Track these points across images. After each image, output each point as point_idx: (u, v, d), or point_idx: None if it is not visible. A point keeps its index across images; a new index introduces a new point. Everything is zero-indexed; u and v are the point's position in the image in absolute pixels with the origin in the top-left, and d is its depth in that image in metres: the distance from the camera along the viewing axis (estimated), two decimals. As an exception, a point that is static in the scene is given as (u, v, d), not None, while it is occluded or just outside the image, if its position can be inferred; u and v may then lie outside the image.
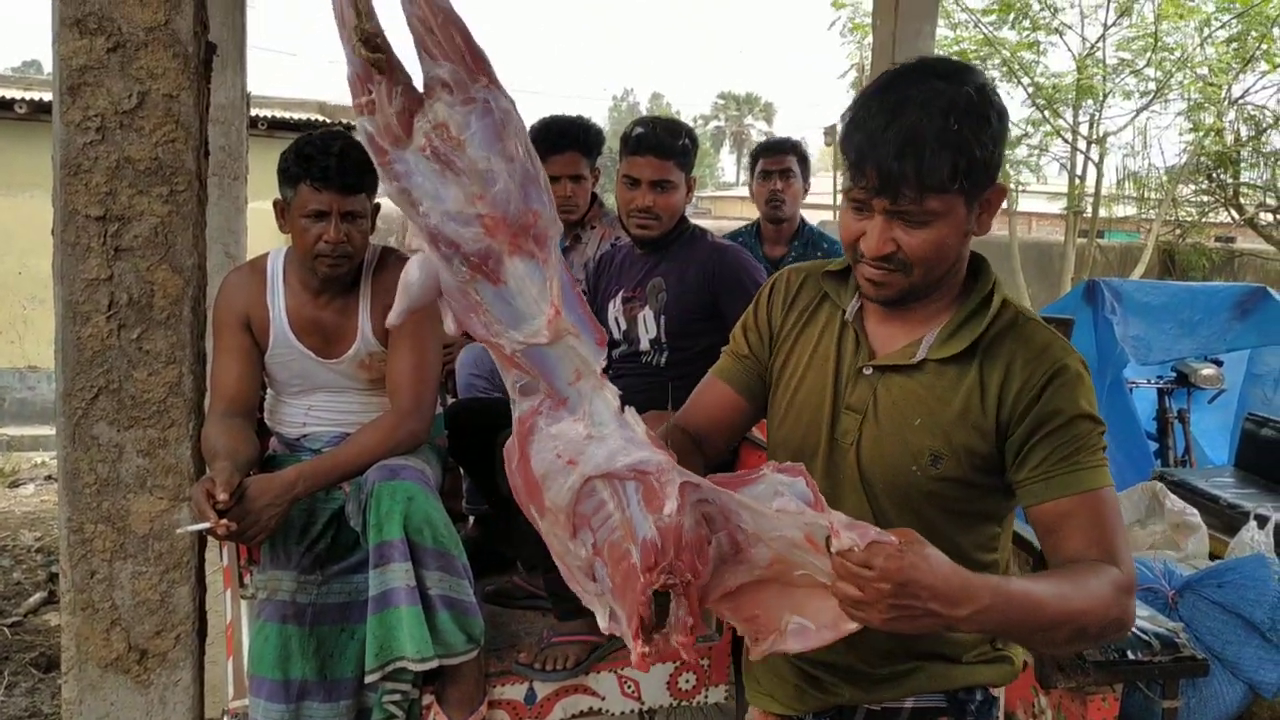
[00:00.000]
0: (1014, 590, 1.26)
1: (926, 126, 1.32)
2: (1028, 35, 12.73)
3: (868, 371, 1.51)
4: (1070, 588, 1.30)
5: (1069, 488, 1.39)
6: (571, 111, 3.55)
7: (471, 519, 3.24)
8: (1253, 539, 2.86)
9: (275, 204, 2.41)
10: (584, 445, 1.34)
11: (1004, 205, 1.48)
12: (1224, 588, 2.83)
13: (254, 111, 11.93)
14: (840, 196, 1.52)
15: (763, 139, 4.90)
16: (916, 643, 1.51)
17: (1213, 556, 3.15)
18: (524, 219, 1.29)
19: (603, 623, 1.43)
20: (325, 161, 2.29)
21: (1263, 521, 2.89)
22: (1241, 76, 12.50)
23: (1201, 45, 12.38)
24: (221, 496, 2.04)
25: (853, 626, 1.29)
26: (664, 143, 2.67)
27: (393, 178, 1.28)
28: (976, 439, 1.44)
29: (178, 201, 2.34)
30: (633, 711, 2.64)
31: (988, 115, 1.35)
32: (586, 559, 1.39)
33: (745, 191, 4.25)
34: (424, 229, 1.29)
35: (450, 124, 1.25)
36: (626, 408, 1.37)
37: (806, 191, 4.19)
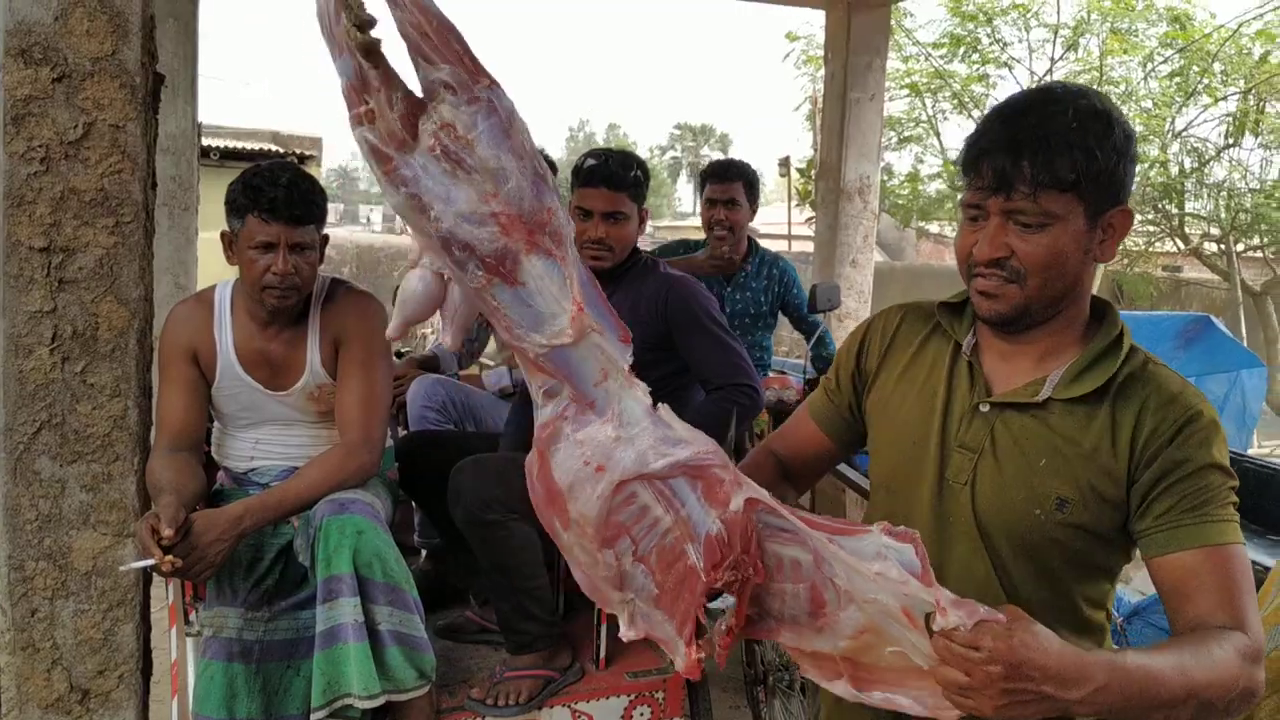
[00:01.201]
0: (1131, 666, 1.17)
1: (1046, 125, 1.29)
2: (978, 69, 12.95)
3: (984, 409, 1.43)
4: (1192, 660, 1.20)
5: (1195, 540, 1.30)
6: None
7: (424, 552, 3.21)
8: (1198, 565, 2.89)
9: (223, 235, 2.39)
10: (612, 449, 1.29)
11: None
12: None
13: (206, 141, 11.87)
14: (958, 211, 1.47)
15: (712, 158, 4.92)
16: None
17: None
18: (539, 215, 1.26)
19: (625, 630, 1.37)
20: (273, 193, 2.27)
21: (1208, 548, 2.92)
22: (1184, 110, 12.79)
23: (1145, 79, 12.67)
24: (166, 532, 2.00)
25: (954, 715, 1.19)
26: (616, 174, 2.68)
27: (400, 184, 1.25)
28: (1107, 484, 1.35)
29: (124, 233, 2.32)
30: (587, 746, 2.62)
31: (1111, 125, 1.31)
32: (616, 569, 1.33)
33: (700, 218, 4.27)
34: (435, 236, 1.26)
35: (457, 124, 1.23)
36: (660, 404, 1.32)
37: (754, 215, 4.22)
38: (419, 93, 1.24)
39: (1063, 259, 1.33)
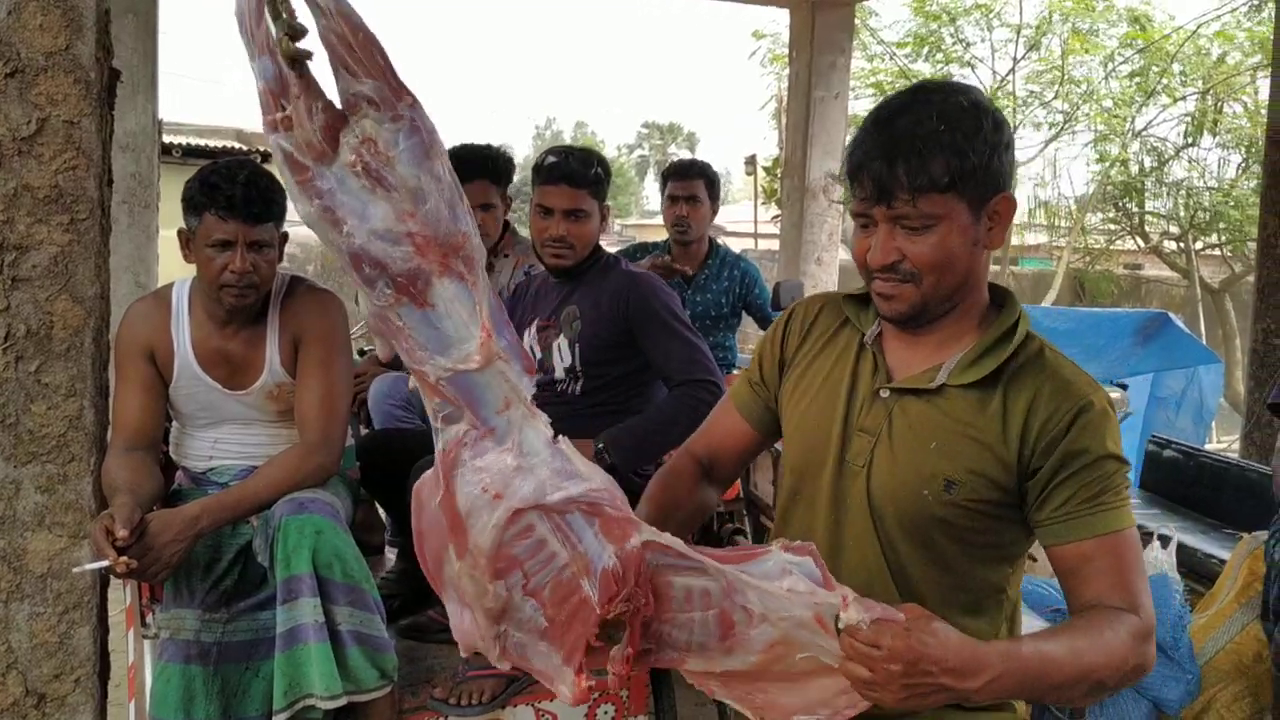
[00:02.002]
0: (1026, 654, 1.25)
1: (915, 130, 1.33)
2: (941, 68, 13.05)
3: (884, 394, 1.49)
4: (1085, 642, 1.28)
5: (1091, 529, 1.37)
6: (495, 140, 3.55)
7: (396, 551, 3.19)
8: (1156, 559, 2.92)
9: (180, 233, 2.36)
10: (511, 477, 1.29)
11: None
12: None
13: (169, 138, 11.75)
14: (849, 219, 1.52)
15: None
16: None
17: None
18: (454, 239, 1.25)
19: (495, 662, 1.41)
20: (230, 190, 2.25)
21: (1165, 541, 2.96)
22: (1144, 109, 12.96)
23: (1106, 79, 12.82)
24: (121, 533, 1.97)
25: (863, 705, 1.26)
26: (577, 172, 2.68)
27: (314, 195, 1.23)
28: (995, 468, 1.41)
29: (79, 230, 2.29)
30: (551, 745, 2.62)
31: (980, 121, 1.35)
32: (502, 602, 1.34)
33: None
34: (346, 250, 1.24)
35: (379, 140, 1.21)
36: (560, 437, 1.33)
37: (715, 213, 4.24)
38: (338, 104, 1.23)
39: (952, 255, 1.39)
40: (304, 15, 1.20)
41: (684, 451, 1.77)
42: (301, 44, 1.20)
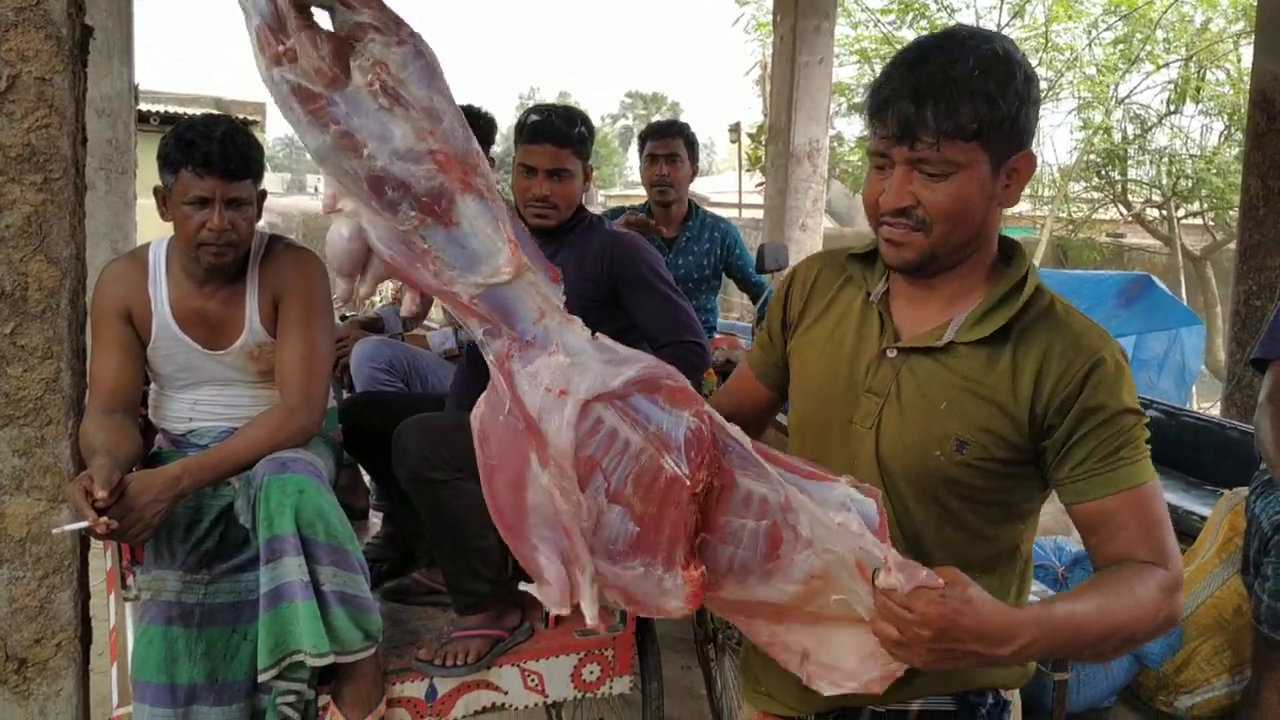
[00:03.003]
0: (1058, 618, 1.24)
1: (948, 73, 1.29)
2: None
3: (891, 354, 1.45)
4: (1115, 599, 1.27)
5: (1113, 485, 1.34)
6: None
7: (382, 516, 3.18)
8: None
9: (155, 191, 2.32)
10: (570, 373, 1.27)
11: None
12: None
13: (147, 106, 11.61)
14: (866, 157, 1.47)
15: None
16: None
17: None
18: (470, 157, 1.26)
19: (592, 616, 1.33)
20: (207, 146, 2.21)
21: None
22: (1127, 76, 12.96)
23: (1090, 46, 12.81)
24: (100, 493, 1.95)
25: (894, 667, 1.26)
26: (560, 130, 2.65)
27: (329, 122, 1.22)
28: (1006, 426, 1.37)
29: (53, 190, 2.25)
30: (537, 705, 2.62)
31: (1013, 72, 1.31)
32: (594, 516, 1.29)
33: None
34: (365, 175, 1.24)
35: (389, 62, 1.22)
36: (598, 334, 1.32)
37: (695, 174, 4.21)
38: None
39: (968, 207, 1.34)
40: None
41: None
42: None
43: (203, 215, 2.25)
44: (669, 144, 4.06)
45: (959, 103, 1.28)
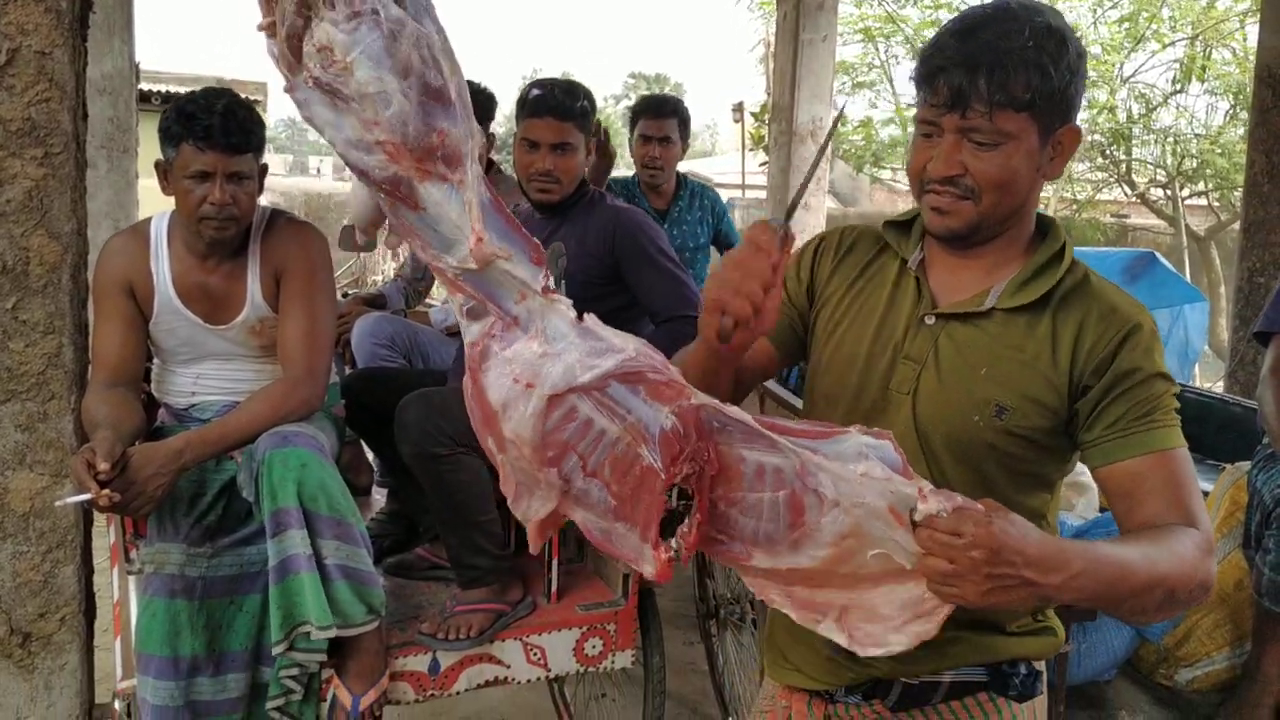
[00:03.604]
0: (1104, 554, 1.21)
1: (1002, 43, 1.29)
2: (930, 14, 12.93)
3: (930, 320, 1.45)
4: (1156, 551, 1.25)
5: (1145, 447, 1.34)
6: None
7: (386, 493, 3.19)
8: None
9: (157, 165, 2.32)
10: (539, 364, 1.25)
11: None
12: (1111, 535, 2.91)
13: (149, 86, 11.58)
14: (912, 124, 1.47)
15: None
16: (960, 610, 1.30)
17: (1102, 511, 3.25)
18: (425, 141, 1.19)
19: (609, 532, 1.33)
20: (208, 120, 2.20)
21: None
22: (1133, 55, 12.88)
23: (1095, 24, 12.73)
24: (102, 466, 1.95)
25: (943, 612, 1.21)
26: (563, 104, 2.64)
27: (299, 105, 1.20)
28: (1046, 391, 1.38)
29: (54, 164, 2.25)
30: (539, 679, 2.63)
31: (1065, 44, 1.32)
32: (565, 487, 1.30)
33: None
34: (338, 154, 1.22)
35: (335, 46, 1.15)
36: (587, 315, 1.29)
37: (685, 151, 4.20)
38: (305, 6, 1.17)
39: (1015, 177, 1.35)
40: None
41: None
42: None
43: (204, 189, 2.24)
44: (662, 125, 4.03)
45: (1012, 73, 1.29)
